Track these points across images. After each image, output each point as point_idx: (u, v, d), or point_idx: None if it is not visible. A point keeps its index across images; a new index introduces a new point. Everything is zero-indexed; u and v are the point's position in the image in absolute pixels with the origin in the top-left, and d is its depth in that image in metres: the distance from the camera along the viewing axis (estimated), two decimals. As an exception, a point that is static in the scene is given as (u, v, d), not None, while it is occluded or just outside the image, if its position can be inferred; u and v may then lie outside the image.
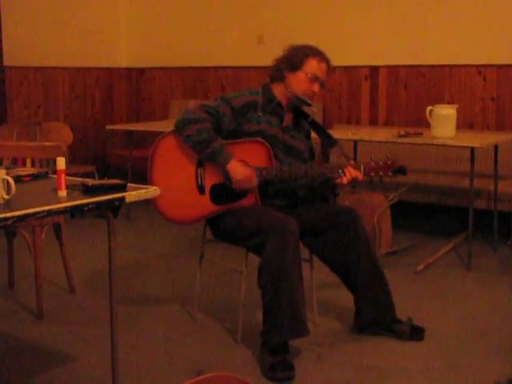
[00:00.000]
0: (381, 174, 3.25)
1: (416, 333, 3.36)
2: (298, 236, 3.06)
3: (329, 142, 3.44)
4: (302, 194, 3.42)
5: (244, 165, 3.22)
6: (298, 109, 3.45)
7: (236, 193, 3.26)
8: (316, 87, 3.32)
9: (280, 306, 3.01)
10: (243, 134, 3.27)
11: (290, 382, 2.94)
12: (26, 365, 3.13)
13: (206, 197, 3.27)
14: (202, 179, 3.27)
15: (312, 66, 3.31)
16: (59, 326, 3.57)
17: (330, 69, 3.37)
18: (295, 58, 3.33)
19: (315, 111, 3.65)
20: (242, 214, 3.21)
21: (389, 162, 3.26)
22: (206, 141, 3.17)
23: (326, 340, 3.37)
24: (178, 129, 3.24)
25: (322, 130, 3.50)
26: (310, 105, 3.37)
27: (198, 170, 3.27)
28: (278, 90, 3.36)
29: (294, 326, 3.03)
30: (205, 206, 3.28)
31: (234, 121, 3.27)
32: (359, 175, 3.23)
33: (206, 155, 3.20)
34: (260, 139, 3.23)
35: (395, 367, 3.08)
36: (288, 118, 3.42)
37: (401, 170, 3.27)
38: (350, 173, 3.21)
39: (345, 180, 3.22)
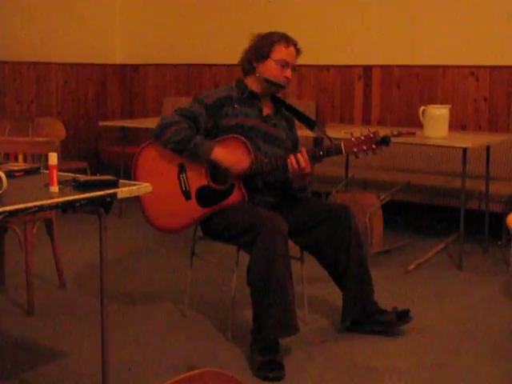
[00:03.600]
0: (364, 148, 3.15)
1: (403, 317, 3.38)
2: (286, 234, 3.06)
3: (308, 123, 3.43)
4: (289, 186, 3.41)
5: None
6: (275, 96, 3.44)
7: (222, 192, 3.26)
8: (288, 72, 3.32)
9: (269, 304, 3.02)
10: (222, 130, 3.28)
11: (280, 382, 2.95)
12: (17, 360, 3.13)
13: (193, 201, 3.28)
14: (185, 184, 3.28)
15: (280, 52, 3.31)
16: (50, 322, 3.57)
17: (298, 51, 3.36)
18: (262, 47, 3.33)
19: (286, 87, 3.57)
20: (231, 212, 3.22)
21: (370, 135, 3.16)
22: (186, 138, 3.19)
23: (317, 338, 3.37)
24: (156, 136, 3.25)
25: (299, 114, 3.47)
26: (283, 86, 3.35)
27: (180, 175, 3.28)
28: (251, 82, 3.37)
29: (284, 324, 3.04)
30: (193, 210, 3.28)
31: (210, 118, 3.28)
32: (306, 168, 3.13)
33: (188, 152, 3.21)
34: (235, 135, 3.24)
35: (385, 365, 3.09)
36: (267, 108, 3.42)
37: (384, 141, 3.16)
38: (298, 160, 3.14)
39: (290, 169, 3.16)
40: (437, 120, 4.43)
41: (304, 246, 3.43)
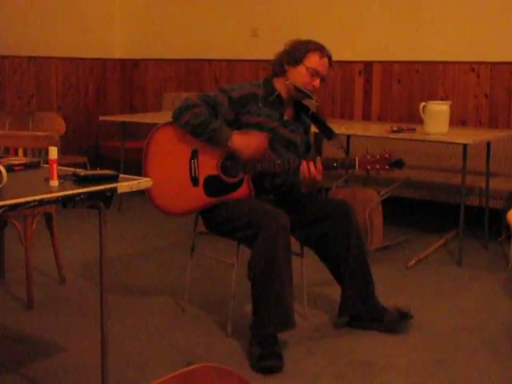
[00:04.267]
0: (377, 167, 3.20)
1: (404, 317, 3.38)
2: (288, 230, 3.07)
3: (327, 133, 3.43)
4: (298, 189, 3.41)
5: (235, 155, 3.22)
6: (298, 102, 3.44)
7: (230, 184, 3.26)
8: (317, 82, 3.31)
9: (269, 299, 3.02)
10: (242, 126, 3.26)
11: (278, 372, 2.95)
12: (16, 355, 3.13)
13: (200, 188, 3.28)
14: (195, 171, 3.27)
15: (313, 60, 3.30)
16: (49, 316, 3.57)
17: (332, 64, 3.36)
18: (297, 52, 3.31)
19: (316, 104, 3.61)
20: (234, 205, 3.21)
21: (386, 156, 3.21)
22: (205, 122, 3.17)
23: (316, 334, 3.38)
24: (176, 118, 3.24)
25: (322, 123, 3.48)
26: (311, 97, 3.35)
27: (192, 161, 3.27)
28: (279, 84, 3.36)
29: (283, 319, 3.04)
30: (198, 197, 3.28)
31: (232, 111, 3.27)
32: (317, 176, 3.16)
33: (206, 136, 3.19)
34: (259, 130, 3.23)
35: (384, 361, 3.09)
36: (289, 112, 3.42)
37: (398, 163, 3.22)
38: (309, 168, 3.16)
39: (302, 174, 3.18)
40: (437, 116, 4.43)
41: (304, 241, 3.43)
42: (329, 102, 6.25)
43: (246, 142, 3.19)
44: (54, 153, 2.49)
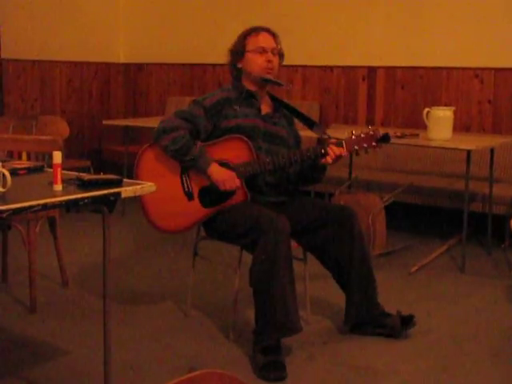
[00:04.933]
0: (365, 145, 3.20)
1: (407, 322, 3.37)
2: (289, 234, 3.07)
3: (308, 122, 3.44)
4: (294, 180, 3.42)
5: (224, 163, 3.23)
6: (274, 96, 3.46)
7: (224, 192, 3.26)
8: (268, 56, 3.32)
9: (272, 304, 3.02)
10: (222, 132, 3.28)
11: (282, 382, 2.95)
12: (19, 358, 3.13)
13: (196, 202, 3.28)
14: (188, 185, 3.28)
15: (253, 42, 3.34)
16: (52, 320, 3.57)
17: (274, 35, 3.38)
18: (237, 46, 3.39)
19: (289, 88, 3.60)
20: (234, 212, 3.22)
21: (371, 133, 3.21)
22: (184, 148, 3.19)
23: (318, 339, 3.37)
24: (156, 139, 3.27)
25: (297, 113, 3.48)
26: (279, 83, 3.37)
27: (183, 176, 3.28)
28: (246, 82, 3.39)
29: (286, 324, 3.04)
30: (196, 211, 3.28)
31: (209, 121, 3.29)
32: (343, 151, 3.20)
33: (185, 163, 3.22)
34: (238, 135, 3.24)
35: (387, 367, 3.09)
36: (266, 107, 3.42)
37: (384, 138, 3.21)
38: (333, 151, 3.19)
39: (329, 159, 3.19)
40: (441, 122, 4.43)
41: (307, 247, 3.42)
42: (332, 107, 6.25)
43: (221, 176, 3.20)
44: (57, 157, 2.50)
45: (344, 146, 3.20)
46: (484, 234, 4.92)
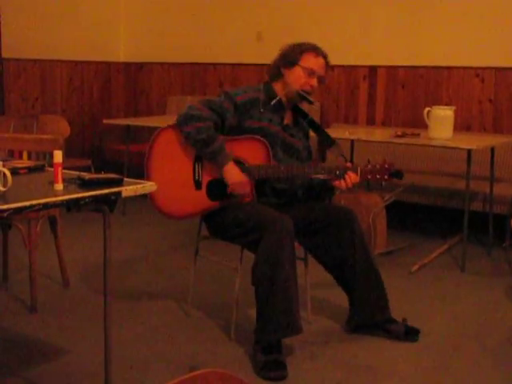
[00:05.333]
0: (378, 177, 3.23)
1: (411, 333, 3.36)
2: (293, 234, 3.06)
3: (327, 141, 3.44)
4: (301, 193, 3.42)
5: (240, 161, 3.22)
6: (297, 107, 3.45)
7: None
8: (313, 81, 3.31)
9: (274, 303, 3.01)
10: (244, 131, 3.27)
11: (283, 382, 2.95)
12: (19, 357, 3.13)
13: (203, 192, 3.27)
14: (199, 174, 3.27)
15: (308, 60, 3.31)
16: (53, 320, 3.57)
17: (328, 64, 3.37)
18: (292, 54, 3.34)
19: (316, 108, 3.62)
20: (237, 210, 3.21)
21: (386, 166, 3.24)
22: (206, 140, 3.16)
23: (319, 339, 3.37)
24: (180, 124, 3.23)
25: (320, 130, 3.51)
26: (311, 102, 3.35)
27: (196, 164, 3.27)
28: (278, 88, 3.37)
29: (288, 324, 3.03)
30: (201, 201, 3.28)
31: (236, 117, 3.27)
32: (357, 179, 3.22)
33: (204, 154, 3.21)
34: (259, 137, 3.23)
35: (388, 367, 3.09)
36: (288, 117, 3.42)
37: (397, 174, 3.26)
38: (351, 178, 3.20)
39: (343, 184, 3.21)
40: (441, 121, 4.43)
41: (308, 249, 3.42)
42: (333, 106, 6.25)
43: (235, 178, 3.19)
44: (58, 156, 2.49)
45: (358, 173, 3.22)
46: (485, 233, 4.92)
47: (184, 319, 3.61)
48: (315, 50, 3.34)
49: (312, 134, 3.54)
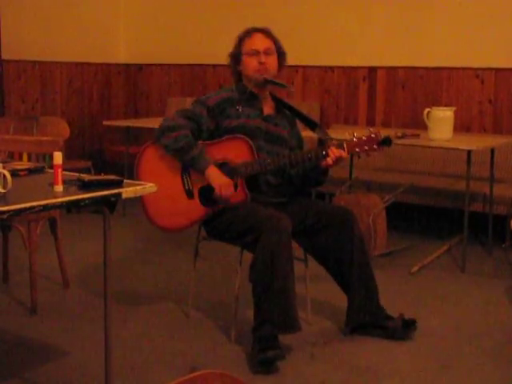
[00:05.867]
0: (366, 148, 3.19)
1: (408, 326, 3.37)
2: (290, 233, 3.07)
3: (309, 124, 3.44)
4: (298, 183, 3.41)
5: (224, 163, 3.23)
6: (276, 98, 3.47)
7: None
8: (260, 58, 3.33)
9: (271, 301, 3.03)
10: (225, 131, 3.29)
11: (280, 360, 2.96)
12: (19, 359, 3.13)
13: (196, 200, 3.29)
14: (188, 184, 3.28)
15: (246, 44, 3.36)
16: (53, 321, 3.57)
17: (268, 34, 3.38)
18: (235, 50, 3.41)
19: (291, 90, 3.62)
20: (234, 212, 3.22)
21: (372, 135, 3.20)
22: (184, 148, 3.20)
23: (319, 339, 3.37)
24: (158, 138, 3.28)
25: (299, 114, 3.49)
26: (282, 85, 3.38)
27: (184, 175, 3.29)
28: (248, 84, 3.40)
29: (285, 321, 3.05)
30: (196, 209, 3.29)
31: (212, 120, 3.30)
32: (343, 153, 3.19)
33: (185, 162, 3.24)
34: (239, 135, 3.25)
35: (388, 368, 3.09)
36: (268, 108, 3.43)
37: (386, 141, 3.20)
38: (334, 152, 3.18)
39: (329, 161, 3.18)
40: (441, 122, 4.43)
41: (307, 249, 3.42)
42: (333, 107, 6.25)
43: (218, 180, 3.19)
44: (58, 158, 2.50)
45: (345, 147, 3.20)
46: (485, 234, 4.92)
47: (184, 320, 3.61)
48: (246, 32, 3.40)
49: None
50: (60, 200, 2.37)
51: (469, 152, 4.30)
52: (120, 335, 3.28)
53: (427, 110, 4.51)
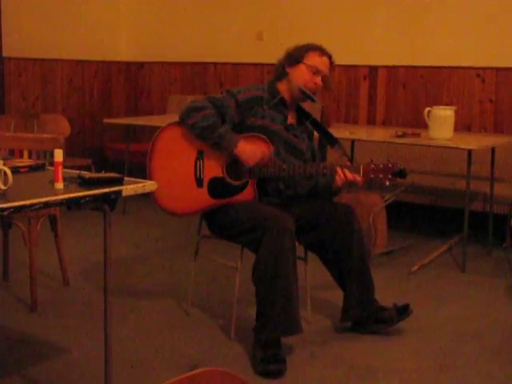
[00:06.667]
0: (380, 176, 3.20)
1: (402, 312, 3.37)
2: (293, 233, 3.07)
3: (330, 141, 3.44)
4: (305, 196, 3.42)
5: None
6: (300, 108, 3.46)
7: (234, 187, 3.26)
8: (318, 80, 3.33)
9: (274, 302, 3.02)
10: (247, 128, 3.27)
11: (281, 376, 2.95)
12: (20, 356, 3.13)
13: (204, 190, 3.28)
14: (200, 172, 3.27)
15: (313, 58, 3.34)
16: (53, 318, 3.58)
17: (332, 64, 3.39)
18: (297, 52, 3.37)
19: (319, 107, 3.63)
20: (238, 209, 3.21)
21: (389, 165, 3.20)
22: (212, 126, 3.17)
23: (319, 338, 3.37)
24: (183, 118, 3.24)
25: (323, 129, 3.50)
26: (313, 100, 3.36)
27: (198, 162, 3.27)
28: (282, 87, 3.38)
29: (287, 323, 3.04)
30: (202, 199, 3.28)
31: (238, 114, 3.28)
32: (358, 178, 3.20)
33: (212, 141, 3.20)
34: (262, 136, 3.23)
35: (387, 367, 3.09)
36: (292, 117, 3.43)
37: (401, 173, 3.22)
38: (345, 174, 3.19)
39: (338, 180, 3.20)
40: (442, 121, 4.43)
41: (307, 245, 3.43)
42: (333, 106, 6.25)
43: (252, 151, 3.19)
44: (59, 155, 2.50)
45: (361, 172, 3.20)
46: (485, 233, 4.92)
47: (184, 318, 3.61)
48: (320, 49, 3.37)
49: (316, 134, 3.54)
50: (60, 197, 2.36)
51: (469, 151, 4.30)
52: (120, 333, 3.28)
53: (428, 109, 4.51)
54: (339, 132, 4.80)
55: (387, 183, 3.22)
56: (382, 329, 3.37)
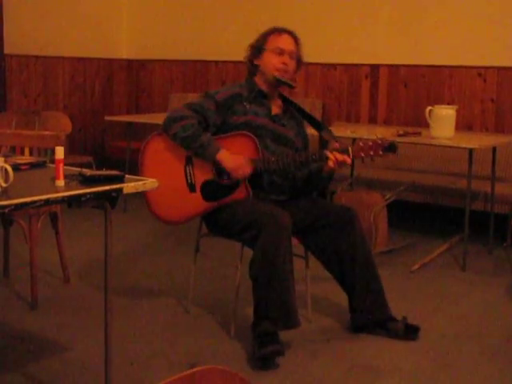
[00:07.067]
0: (371, 153, 3.17)
1: (410, 332, 3.35)
2: (290, 230, 3.07)
3: (316, 126, 3.44)
4: (301, 184, 3.41)
5: None
6: (284, 96, 3.46)
7: (227, 187, 3.26)
8: (285, 59, 3.33)
9: (270, 297, 3.03)
10: (231, 127, 3.28)
11: (280, 356, 2.96)
12: (20, 354, 3.14)
13: (198, 194, 3.29)
14: (191, 177, 3.28)
15: (273, 40, 3.36)
16: (53, 316, 3.58)
17: (296, 39, 3.39)
18: (257, 43, 3.41)
19: (296, 91, 3.61)
20: (235, 208, 3.22)
21: (379, 141, 3.18)
22: (193, 136, 3.19)
23: (320, 337, 3.37)
24: (165, 128, 3.28)
25: (307, 115, 3.49)
26: (290, 85, 3.37)
27: (187, 168, 3.28)
28: (259, 80, 3.40)
29: (285, 317, 3.05)
30: (197, 203, 3.29)
31: (220, 115, 3.29)
32: (347, 159, 3.16)
33: (194, 150, 3.22)
34: (245, 132, 3.24)
35: (388, 366, 3.09)
36: (276, 107, 3.43)
37: (391, 148, 3.18)
38: (336, 157, 3.16)
39: (331, 164, 3.16)
40: (443, 120, 4.42)
41: (309, 247, 3.42)
42: (335, 105, 6.25)
43: (232, 161, 3.19)
44: (60, 152, 2.50)
45: (350, 152, 3.19)
46: (486, 232, 4.92)
47: (184, 316, 3.61)
48: (277, 29, 3.39)
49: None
50: (61, 195, 2.37)
51: (470, 150, 4.30)
52: (120, 330, 3.28)
53: (429, 108, 4.50)
54: (340, 131, 4.80)
55: (378, 158, 3.20)
56: (383, 334, 3.36)
